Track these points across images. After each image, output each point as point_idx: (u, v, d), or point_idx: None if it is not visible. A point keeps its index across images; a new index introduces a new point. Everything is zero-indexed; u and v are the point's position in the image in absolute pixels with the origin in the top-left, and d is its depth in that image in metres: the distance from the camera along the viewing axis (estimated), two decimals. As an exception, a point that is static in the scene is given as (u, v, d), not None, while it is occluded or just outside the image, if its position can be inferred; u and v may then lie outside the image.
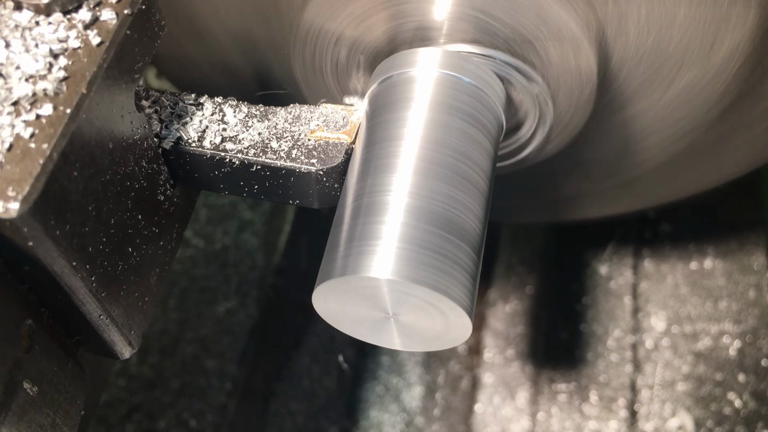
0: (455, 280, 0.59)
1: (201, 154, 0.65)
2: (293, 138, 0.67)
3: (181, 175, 0.67)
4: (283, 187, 0.67)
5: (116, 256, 0.57)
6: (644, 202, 1.01)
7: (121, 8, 0.55)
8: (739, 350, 1.18)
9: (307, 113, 0.68)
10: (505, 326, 1.27)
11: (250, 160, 0.65)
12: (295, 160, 0.65)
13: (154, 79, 1.57)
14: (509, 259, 1.33)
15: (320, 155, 0.66)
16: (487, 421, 1.19)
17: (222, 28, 0.79)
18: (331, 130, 0.67)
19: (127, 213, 0.58)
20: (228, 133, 0.67)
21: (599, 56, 0.68)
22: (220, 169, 0.66)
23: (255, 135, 0.67)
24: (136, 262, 0.60)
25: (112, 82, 0.54)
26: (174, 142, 0.65)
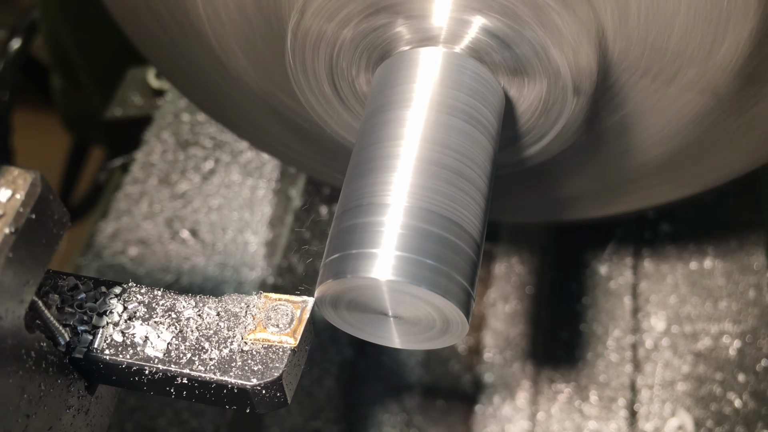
0: (455, 280, 0.59)
1: (116, 363, 0.56)
2: (226, 341, 0.57)
3: (97, 377, 0.58)
4: (216, 396, 0.57)
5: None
6: (644, 202, 1.01)
7: (1, 223, 0.45)
8: (739, 350, 1.18)
9: (246, 307, 0.59)
10: (505, 326, 1.27)
11: (173, 371, 0.56)
12: (226, 372, 0.56)
13: (154, 79, 1.57)
14: (509, 259, 1.33)
15: (258, 365, 0.56)
16: (487, 421, 1.19)
17: (222, 29, 0.79)
18: (273, 331, 0.57)
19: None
20: (149, 336, 0.57)
21: (599, 55, 0.68)
22: (141, 376, 0.57)
23: (181, 338, 0.57)
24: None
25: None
26: (85, 349, 0.56)
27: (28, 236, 0.47)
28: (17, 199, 0.47)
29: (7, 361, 0.48)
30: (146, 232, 1.27)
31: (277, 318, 0.58)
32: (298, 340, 0.57)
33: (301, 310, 0.58)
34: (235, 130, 1.08)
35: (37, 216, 0.48)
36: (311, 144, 0.96)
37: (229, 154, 1.36)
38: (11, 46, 1.73)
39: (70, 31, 1.85)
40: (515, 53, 0.68)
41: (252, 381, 0.55)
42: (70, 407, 0.56)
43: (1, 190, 0.47)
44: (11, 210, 0.46)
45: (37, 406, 0.51)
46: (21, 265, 0.47)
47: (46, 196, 0.48)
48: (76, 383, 0.57)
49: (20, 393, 0.49)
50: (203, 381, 0.56)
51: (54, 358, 0.54)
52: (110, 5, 0.88)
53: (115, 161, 1.68)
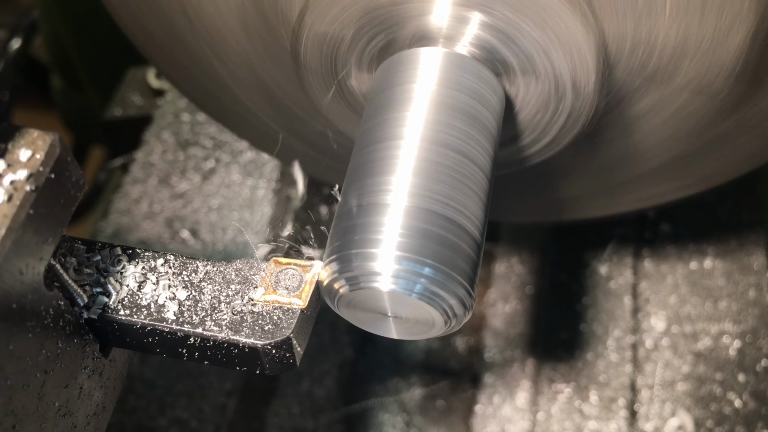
0: (458, 283, 0.60)
1: (130, 323, 0.58)
2: (237, 302, 0.59)
3: (111, 339, 0.60)
4: (227, 356, 0.59)
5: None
6: (644, 202, 1.01)
7: (22, 182, 0.47)
8: (739, 350, 1.18)
9: (256, 271, 0.60)
10: (505, 326, 1.27)
11: (186, 331, 0.58)
12: (238, 331, 0.57)
13: (154, 79, 1.57)
14: (509, 259, 1.33)
15: (268, 325, 0.57)
16: (486, 421, 1.19)
17: (222, 29, 0.79)
18: (282, 293, 0.59)
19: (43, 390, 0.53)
20: (162, 297, 0.59)
21: (598, 55, 0.68)
22: (154, 337, 0.59)
23: (193, 299, 0.59)
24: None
25: (10, 276, 0.47)
26: (100, 310, 0.58)
27: (47, 195, 0.49)
28: (37, 158, 0.49)
29: (27, 316, 0.50)
30: (146, 232, 1.27)
31: (287, 281, 0.60)
32: (307, 302, 0.59)
33: (310, 273, 0.60)
34: (235, 130, 1.08)
35: (55, 176, 0.49)
36: (312, 143, 0.96)
37: (229, 154, 1.36)
38: (11, 46, 1.73)
39: (70, 31, 1.85)
40: (515, 53, 0.68)
41: (263, 340, 0.57)
42: (85, 367, 0.58)
43: (22, 150, 0.49)
44: (31, 168, 0.48)
45: (54, 363, 0.53)
46: (40, 222, 0.49)
47: (65, 157, 0.50)
48: (91, 344, 0.58)
49: (39, 348, 0.51)
50: (215, 341, 0.57)
51: (71, 318, 0.55)
52: (110, 5, 0.87)
53: (115, 161, 1.68)
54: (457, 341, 1.33)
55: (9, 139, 0.49)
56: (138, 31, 0.90)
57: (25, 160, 0.49)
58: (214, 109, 1.03)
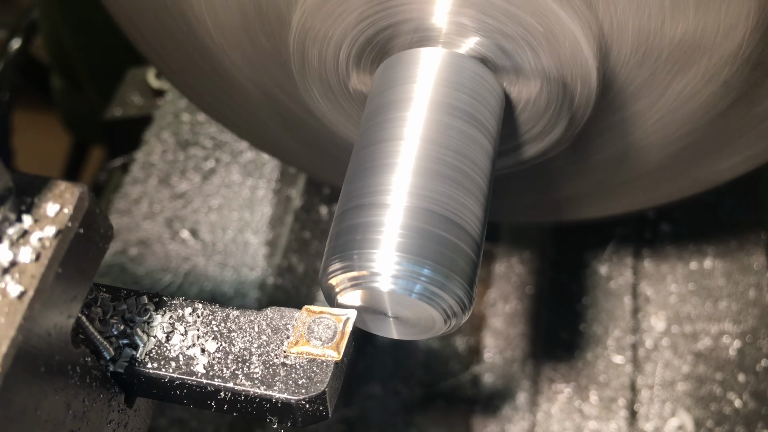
0: (458, 283, 0.60)
1: (158, 377, 0.56)
2: (269, 354, 0.56)
3: (137, 390, 0.58)
4: (259, 410, 0.57)
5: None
6: (644, 202, 1.01)
7: (50, 240, 0.45)
8: (739, 350, 1.18)
9: (288, 320, 0.58)
10: (505, 326, 1.27)
11: (216, 386, 0.55)
12: (270, 386, 0.55)
13: (154, 79, 1.57)
14: (509, 259, 1.33)
15: (302, 379, 0.55)
16: (486, 421, 1.19)
17: (222, 29, 0.79)
18: (316, 344, 0.56)
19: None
20: (191, 350, 0.57)
21: (599, 55, 0.68)
22: (183, 390, 0.57)
23: (223, 351, 0.57)
24: None
25: (38, 338, 0.44)
26: (127, 363, 0.56)
27: (75, 251, 0.47)
28: (65, 213, 0.46)
29: (55, 377, 0.47)
30: (146, 232, 1.27)
31: (320, 331, 0.57)
32: (341, 354, 0.56)
33: (343, 323, 0.57)
34: (235, 130, 1.08)
35: (84, 230, 0.47)
36: (311, 144, 0.96)
37: (229, 154, 1.36)
38: (11, 46, 1.73)
39: (70, 31, 1.85)
40: (514, 53, 0.68)
41: (296, 395, 0.55)
42: (110, 421, 0.56)
43: (49, 204, 0.46)
44: (59, 224, 0.46)
45: (80, 422, 0.51)
46: (69, 280, 0.47)
47: (93, 210, 0.48)
48: (116, 397, 0.56)
49: (66, 409, 0.49)
50: (247, 396, 0.55)
51: (97, 373, 0.53)
52: (110, 5, 0.88)
53: (115, 161, 1.68)
54: (457, 341, 1.33)
55: (35, 193, 0.47)
56: (138, 31, 0.90)
57: (52, 215, 0.46)
58: (214, 109, 1.03)
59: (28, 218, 0.46)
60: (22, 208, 0.46)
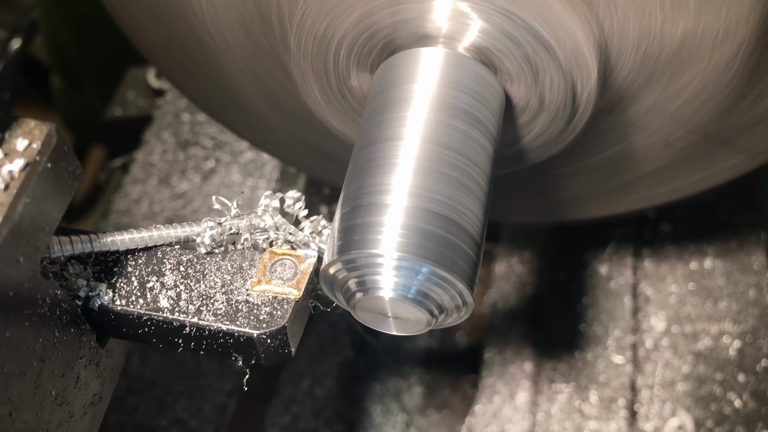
0: (457, 282, 0.60)
1: (127, 314, 0.59)
2: (233, 292, 0.59)
3: (107, 329, 0.61)
4: (223, 346, 0.59)
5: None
6: (644, 202, 1.01)
7: (18, 172, 0.48)
8: (739, 350, 1.18)
9: (251, 262, 0.61)
10: (505, 326, 1.27)
11: (182, 321, 0.58)
12: (233, 321, 0.58)
13: (154, 79, 1.57)
14: (509, 259, 1.33)
15: (263, 315, 0.58)
16: (487, 421, 1.19)
17: (222, 30, 0.79)
18: (277, 283, 0.59)
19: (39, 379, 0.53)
20: (157, 288, 0.59)
21: (599, 55, 0.68)
22: (150, 327, 0.59)
23: (189, 289, 0.59)
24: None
25: (7, 263, 0.47)
26: (97, 300, 0.59)
27: (43, 184, 0.49)
28: (33, 148, 0.49)
29: (24, 304, 0.50)
30: (146, 232, 1.27)
31: (282, 271, 0.60)
32: (302, 292, 0.59)
33: (305, 263, 0.60)
34: (235, 130, 1.08)
35: (52, 165, 0.50)
36: (311, 144, 0.96)
37: (229, 154, 1.36)
38: (11, 46, 1.73)
39: (70, 31, 1.85)
40: (515, 53, 0.68)
41: (258, 329, 0.57)
42: (82, 357, 0.58)
43: (19, 140, 0.49)
44: (28, 158, 0.49)
45: (51, 352, 0.53)
46: (37, 211, 0.49)
47: (61, 147, 0.51)
48: (87, 334, 0.59)
49: (36, 337, 0.52)
50: (211, 330, 0.58)
51: (67, 307, 0.55)
52: (110, 5, 0.87)
53: (115, 161, 1.68)
54: (457, 341, 1.33)
55: (6, 129, 0.50)
56: (138, 31, 0.90)
57: (22, 150, 0.49)
58: (214, 109, 1.03)
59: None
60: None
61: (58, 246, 0.57)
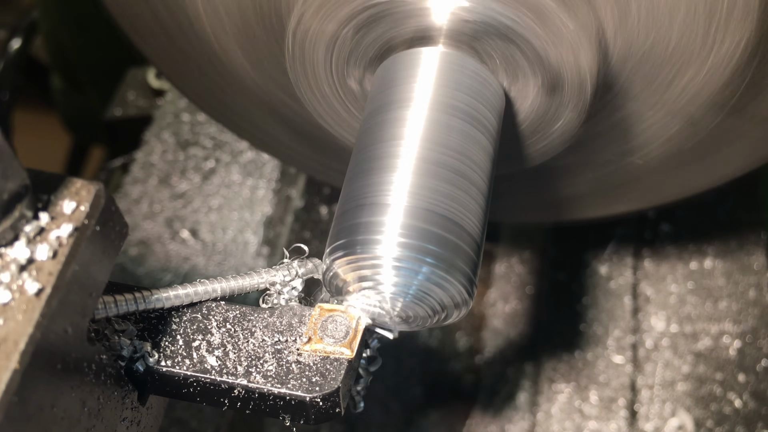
0: (456, 281, 0.60)
1: (172, 375, 0.56)
2: (283, 352, 0.56)
3: (150, 388, 0.58)
4: (272, 407, 0.57)
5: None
6: (644, 202, 1.01)
7: (67, 237, 0.45)
8: (739, 350, 1.18)
9: (300, 318, 0.58)
10: (505, 326, 1.27)
11: (230, 383, 0.55)
12: (284, 383, 0.55)
13: (154, 79, 1.57)
14: (509, 259, 1.33)
15: (315, 376, 0.55)
16: (487, 421, 1.19)
17: (222, 29, 0.79)
18: (329, 342, 0.56)
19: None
20: (204, 347, 0.57)
21: (599, 56, 0.68)
22: (196, 387, 0.57)
23: (237, 349, 0.57)
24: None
25: (56, 336, 0.44)
26: (142, 361, 0.56)
27: (91, 248, 0.47)
28: (82, 210, 0.46)
29: (71, 374, 0.47)
30: (146, 232, 1.27)
31: (334, 329, 0.57)
32: (354, 352, 0.56)
33: (356, 320, 0.58)
34: (235, 130, 1.08)
35: (100, 228, 0.47)
36: (311, 144, 0.96)
37: (229, 154, 1.36)
38: (11, 46, 1.73)
39: (70, 31, 1.85)
40: (516, 53, 0.68)
41: (310, 393, 0.55)
42: (124, 419, 0.56)
43: (66, 202, 0.46)
44: (76, 222, 0.46)
45: (95, 419, 0.51)
46: (85, 277, 0.47)
47: (109, 208, 0.48)
48: (130, 395, 0.56)
49: (81, 406, 0.49)
50: (261, 393, 0.55)
51: (112, 370, 0.53)
52: (110, 5, 0.87)
53: (115, 161, 1.68)
54: (457, 341, 1.33)
55: (52, 190, 0.47)
56: (137, 31, 0.90)
57: (69, 213, 0.46)
58: (214, 109, 1.03)
59: (45, 216, 0.45)
60: (39, 206, 0.46)
61: (102, 307, 0.54)
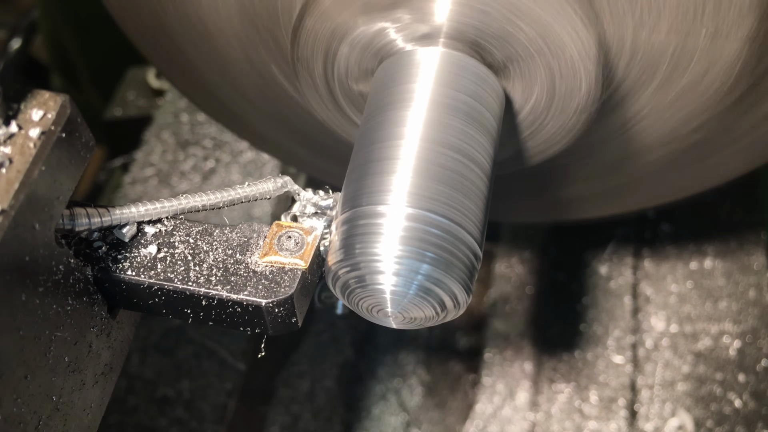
0: (455, 281, 0.60)
1: (137, 283, 0.60)
2: (241, 263, 0.61)
3: (118, 300, 0.62)
4: (231, 316, 0.60)
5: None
6: (644, 202, 1.01)
7: (34, 140, 0.50)
8: (739, 350, 1.18)
9: (259, 233, 0.62)
10: (505, 326, 1.27)
11: (192, 290, 0.59)
12: (241, 290, 0.59)
13: (154, 79, 1.57)
14: (509, 259, 1.33)
15: (271, 284, 0.59)
16: (486, 421, 1.19)
17: (222, 29, 0.79)
18: (284, 254, 0.60)
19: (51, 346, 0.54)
20: (168, 257, 0.61)
21: (599, 56, 0.68)
22: (160, 297, 0.61)
23: (198, 260, 0.61)
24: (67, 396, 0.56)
25: (24, 229, 0.49)
26: (109, 269, 0.60)
27: (58, 153, 0.51)
28: (48, 118, 0.51)
29: (39, 269, 0.51)
30: (146, 232, 1.27)
31: (289, 243, 0.61)
32: (308, 263, 0.60)
33: (311, 236, 0.61)
34: (235, 129, 1.08)
35: (66, 135, 0.52)
36: (311, 144, 0.96)
37: (229, 154, 1.36)
38: (11, 46, 1.73)
39: (70, 31, 1.85)
40: (516, 53, 0.68)
41: (266, 298, 0.58)
42: (93, 326, 0.60)
43: (34, 110, 0.51)
44: (43, 127, 0.51)
45: (64, 319, 0.55)
46: (52, 179, 0.51)
47: (75, 118, 0.53)
48: (99, 304, 0.60)
49: (50, 303, 0.53)
50: (220, 299, 0.59)
51: (80, 275, 0.57)
52: (110, 5, 0.88)
53: (115, 161, 1.68)
54: (457, 341, 1.33)
55: (21, 100, 0.52)
56: (138, 31, 0.90)
57: (37, 120, 0.51)
58: (213, 108, 1.03)
59: (14, 122, 0.51)
60: (9, 114, 0.51)
61: (71, 217, 0.58)
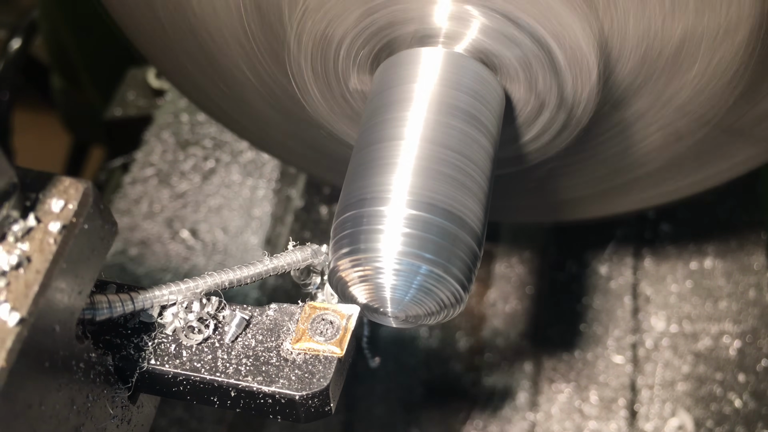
0: (456, 281, 0.60)
1: (162, 373, 0.56)
2: (272, 350, 0.56)
3: (140, 387, 0.58)
4: (262, 406, 0.56)
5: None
6: (644, 202, 1.01)
7: (55, 236, 0.45)
8: (739, 350, 1.18)
9: (290, 317, 0.58)
10: (505, 326, 1.27)
11: (220, 382, 0.55)
12: (273, 382, 0.55)
13: (154, 79, 1.57)
14: (509, 259, 1.33)
15: (305, 374, 0.55)
16: (487, 421, 1.19)
17: (222, 30, 0.79)
18: (319, 340, 0.56)
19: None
20: (195, 345, 0.56)
21: (599, 55, 0.68)
22: (186, 386, 0.56)
23: (226, 348, 0.56)
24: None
25: (44, 334, 0.44)
26: (132, 359, 0.56)
27: (80, 246, 0.47)
28: (70, 209, 0.46)
29: (59, 372, 0.47)
30: (146, 232, 1.27)
31: (323, 327, 0.57)
32: (344, 350, 0.56)
33: (347, 319, 0.57)
34: (235, 129, 1.08)
35: (89, 226, 0.47)
36: (311, 143, 0.96)
37: (229, 154, 1.36)
38: (11, 46, 1.73)
39: (70, 31, 1.85)
40: (515, 53, 0.68)
41: (299, 391, 0.54)
42: (113, 417, 0.56)
43: (54, 200, 0.46)
44: (64, 220, 0.46)
45: (84, 417, 0.51)
46: (73, 275, 0.47)
47: (98, 206, 0.48)
48: (120, 393, 0.56)
49: (70, 404, 0.49)
50: (250, 391, 0.55)
51: (101, 368, 0.53)
52: (109, 5, 0.87)
53: (115, 161, 1.68)
54: (457, 341, 1.33)
55: (40, 189, 0.47)
56: (137, 31, 0.90)
57: (57, 211, 0.46)
58: (214, 109, 1.03)
59: (32, 215, 0.46)
60: (27, 204, 0.46)
61: (92, 307, 0.53)
